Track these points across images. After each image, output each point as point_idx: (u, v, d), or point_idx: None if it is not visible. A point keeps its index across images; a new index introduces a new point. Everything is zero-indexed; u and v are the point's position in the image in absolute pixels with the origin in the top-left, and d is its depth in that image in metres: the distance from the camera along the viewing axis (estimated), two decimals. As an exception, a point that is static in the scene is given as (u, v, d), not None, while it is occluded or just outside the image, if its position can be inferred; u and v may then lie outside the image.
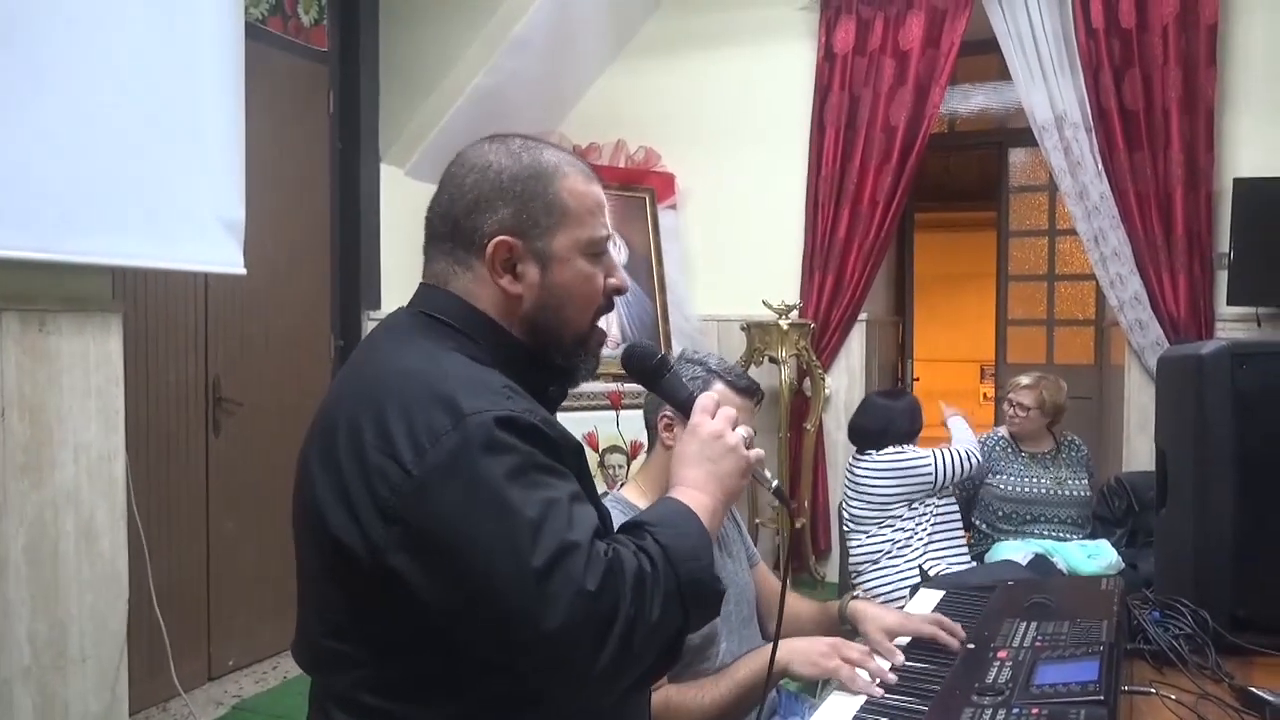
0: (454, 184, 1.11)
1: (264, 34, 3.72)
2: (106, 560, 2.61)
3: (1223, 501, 1.67)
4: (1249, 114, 3.88)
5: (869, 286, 4.48)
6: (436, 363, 1.02)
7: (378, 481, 0.94)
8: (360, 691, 1.00)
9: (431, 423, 0.94)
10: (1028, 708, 1.17)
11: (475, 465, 0.92)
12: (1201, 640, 1.54)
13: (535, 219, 1.09)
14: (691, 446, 1.12)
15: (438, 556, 0.92)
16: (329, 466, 0.99)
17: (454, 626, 0.95)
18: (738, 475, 1.12)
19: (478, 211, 1.08)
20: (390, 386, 1.00)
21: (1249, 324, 3.86)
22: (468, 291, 1.09)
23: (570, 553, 0.90)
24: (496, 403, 0.96)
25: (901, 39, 4.29)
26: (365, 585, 0.96)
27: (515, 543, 0.90)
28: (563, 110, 4.90)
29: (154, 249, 2.57)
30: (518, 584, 0.89)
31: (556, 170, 1.11)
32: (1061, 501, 3.36)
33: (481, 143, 1.13)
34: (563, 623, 0.88)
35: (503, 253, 1.08)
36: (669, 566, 0.96)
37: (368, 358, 1.10)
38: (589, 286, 1.12)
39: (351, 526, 0.95)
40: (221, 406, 3.55)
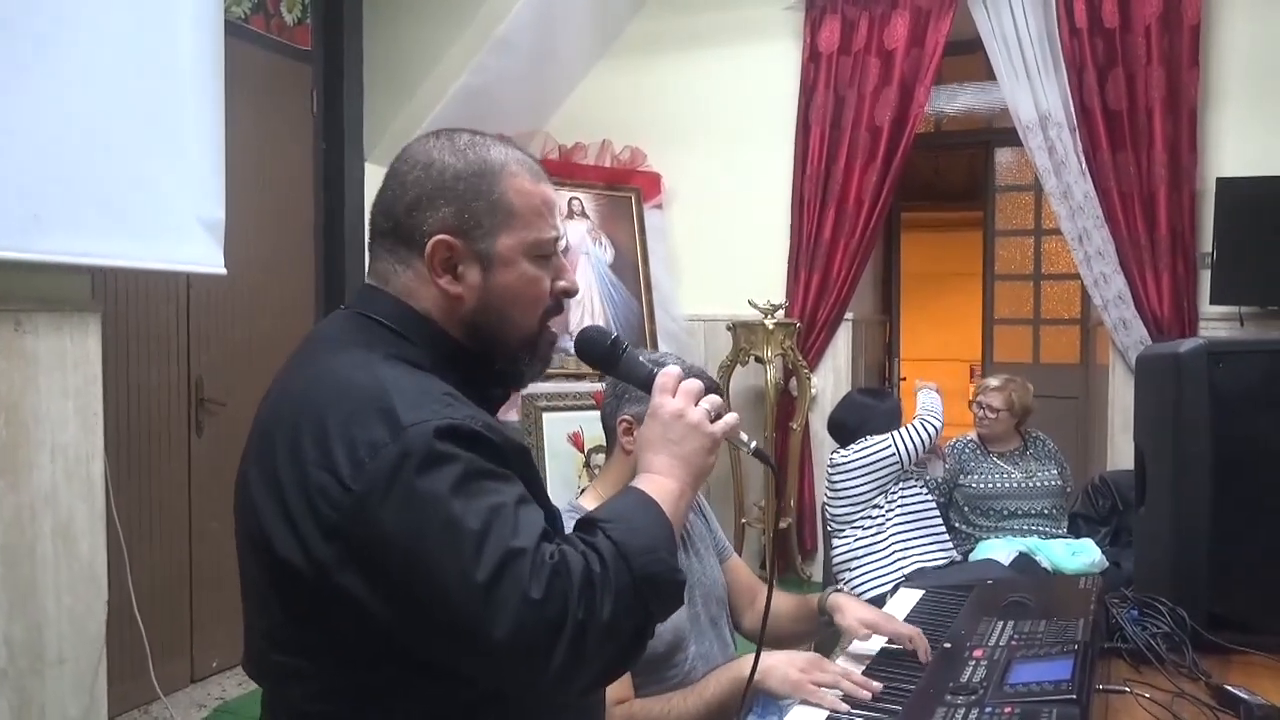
0: (397, 180, 1.07)
1: (246, 32, 3.70)
2: (85, 562, 2.59)
3: (1200, 500, 1.67)
4: (1232, 114, 3.90)
5: (855, 286, 4.48)
6: (374, 372, 0.99)
7: (319, 499, 0.92)
8: (313, 702, 0.99)
9: (370, 436, 0.92)
10: (1000, 707, 1.16)
11: (415, 479, 0.90)
12: (1179, 638, 1.55)
13: (478, 219, 1.05)
14: (654, 430, 1.08)
15: (383, 572, 0.91)
16: (271, 485, 0.97)
17: (405, 638, 0.94)
18: (704, 453, 1.08)
19: (419, 209, 1.05)
20: (328, 400, 0.97)
21: (1232, 323, 3.87)
22: (408, 291, 1.07)
23: (515, 560, 0.89)
24: (436, 412, 0.94)
25: (886, 38, 4.30)
26: (314, 602, 0.94)
27: (459, 556, 0.88)
28: (548, 110, 4.90)
29: (132, 249, 2.54)
30: (463, 597, 0.88)
31: (503, 168, 1.07)
32: (1032, 494, 3.39)
33: (427, 138, 1.10)
34: (511, 631, 0.87)
35: (442, 252, 1.05)
36: (621, 563, 0.93)
37: (303, 368, 1.06)
38: (534, 289, 1.09)
39: (296, 546, 0.93)
40: (204, 407, 3.52)
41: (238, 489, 1.05)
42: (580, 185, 4.52)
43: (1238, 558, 1.65)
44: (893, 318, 5.76)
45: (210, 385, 3.53)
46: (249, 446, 1.05)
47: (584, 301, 4.38)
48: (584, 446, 4.12)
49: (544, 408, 4.09)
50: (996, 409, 3.44)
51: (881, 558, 3.09)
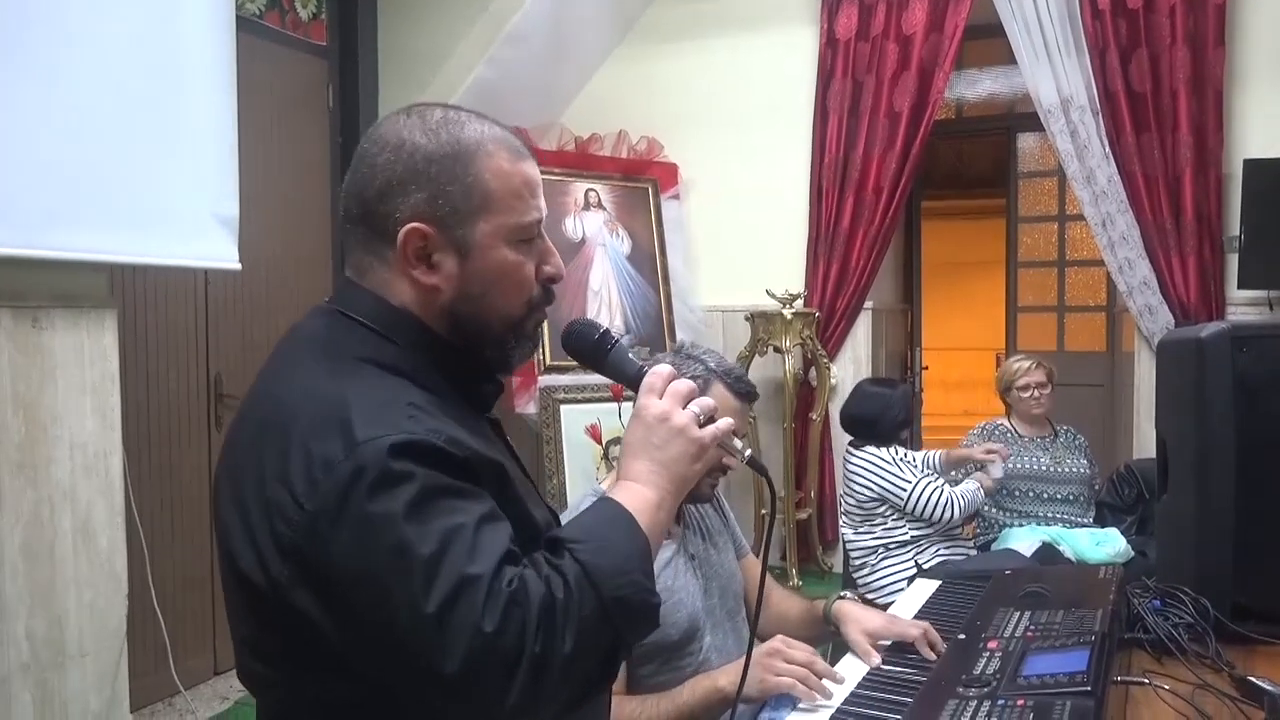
0: (365, 163, 0.99)
1: (262, 29, 3.71)
2: (104, 557, 2.61)
3: (1223, 488, 1.63)
4: (1259, 94, 3.82)
5: (874, 275, 4.44)
6: (340, 381, 0.93)
7: (276, 516, 0.88)
8: (280, 712, 0.97)
9: (325, 451, 0.87)
10: (1013, 699, 1.14)
11: (366, 500, 0.85)
12: (1202, 629, 1.52)
13: (453, 205, 0.98)
14: (636, 432, 1.01)
15: (334, 595, 0.87)
16: (235, 499, 0.94)
17: (359, 664, 0.90)
18: (689, 460, 1.01)
19: (390, 196, 0.97)
20: (291, 410, 0.92)
21: (1260, 308, 3.80)
22: (385, 284, 1.00)
23: (468, 589, 0.83)
24: (395, 425, 0.88)
25: (905, 23, 4.24)
26: (272, 615, 0.91)
27: (408, 584, 0.83)
28: (564, 101, 4.88)
29: (146, 245, 2.56)
30: (412, 627, 0.83)
31: (478, 148, 0.99)
32: (1061, 479, 3.39)
33: (397, 116, 1.01)
34: (461, 666, 0.82)
35: (415, 242, 0.97)
36: (587, 588, 0.88)
37: (274, 373, 1.01)
38: (517, 275, 1.02)
39: (255, 562, 0.90)
40: (224, 403, 3.54)
41: (213, 493, 1.01)
42: (597, 177, 4.50)
43: (1262, 546, 1.61)
44: (914, 306, 5.70)
45: (229, 381, 3.55)
46: (222, 455, 1.01)
47: (602, 293, 4.36)
48: (602, 439, 4.11)
49: (562, 400, 4.08)
50: (1045, 384, 3.46)
51: (898, 557, 3.06)
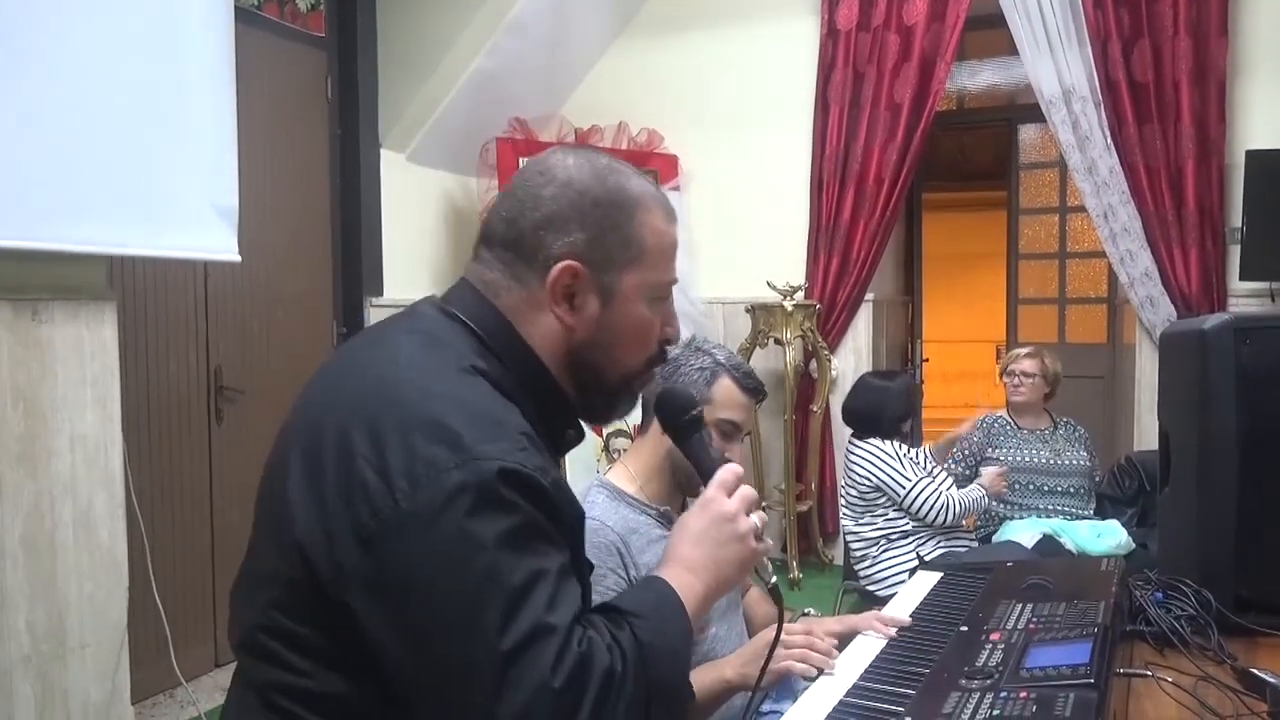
0: (528, 191, 1.00)
1: (261, 20, 3.70)
2: (105, 549, 2.61)
3: (1226, 480, 1.63)
4: (1261, 85, 3.81)
5: (875, 266, 4.43)
6: (452, 384, 0.92)
7: (360, 502, 0.85)
8: (280, 695, 0.92)
9: (431, 453, 0.85)
10: (1016, 691, 1.13)
11: (467, 517, 0.83)
12: (1204, 621, 1.51)
13: (610, 251, 0.99)
14: (699, 522, 1.02)
15: (401, 600, 0.84)
16: (311, 467, 0.90)
17: (398, 672, 0.87)
18: (737, 566, 1.02)
19: (550, 229, 0.98)
20: (396, 396, 0.90)
21: (1262, 299, 3.79)
22: (516, 310, 1.00)
23: (543, 638, 0.82)
24: (508, 451, 0.87)
25: (905, 14, 4.23)
26: (316, 600, 0.88)
27: (488, 614, 0.82)
28: (564, 92, 4.86)
29: (146, 237, 2.55)
30: (481, 661, 0.81)
31: (640, 202, 1.01)
32: (1061, 471, 3.40)
33: (565, 153, 1.03)
34: (516, 713, 0.80)
35: (566, 279, 0.98)
36: (641, 667, 0.88)
37: (378, 349, 1.00)
38: (646, 332, 1.04)
39: (320, 538, 0.87)
40: (224, 395, 3.54)
41: (272, 461, 0.99)
42: (597, 168, 4.49)
43: (1265, 538, 1.61)
44: (915, 298, 5.69)
45: (229, 373, 3.55)
46: (293, 423, 0.98)
47: (602, 285, 4.35)
48: (602, 431, 4.11)
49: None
50: (1031, 374, 3.47)
51: (900, 548, 3.06)
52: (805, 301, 4.31)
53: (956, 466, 3.52)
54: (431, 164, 4.47)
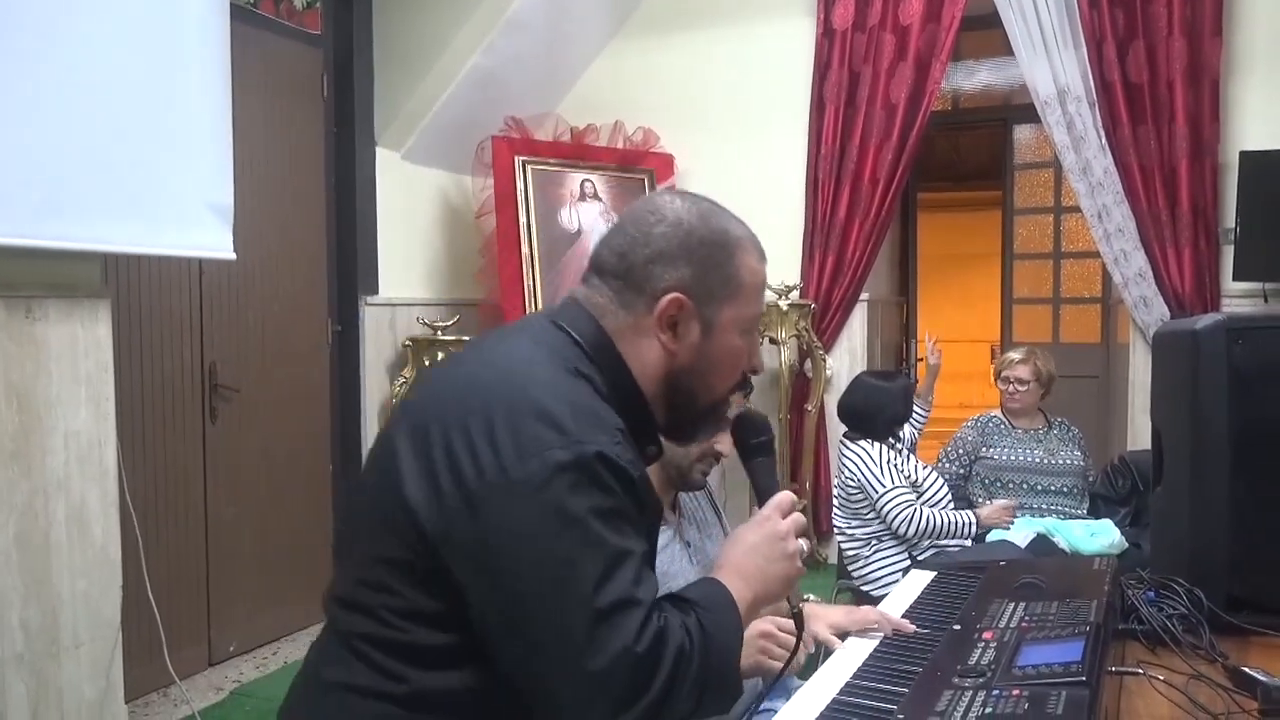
0: (640, 228, 1.11)
1: (256, 17, 3.69)
2: (99, 547, 2.61)
3: (1218, 479, 1.63)
4: (1255, 85, 3.82)
5: (870, 266, 4.43)
6: (561, 382, 1.02)
7: (467, 464, 0.95)
8: (366, 642, 1.01)
9: (539, 434, 0.95)
10: (1008, 689, 1.14)
11: (568, 492, 0.93)
12: (1196, 620, 1.52)
13: (711, 286, 1.10)
14: (754, 536, 1.12)
15: (503, 562, 0.94)
16: (418, 442, 1.00)
17: (488, 632, 0.97)
18: (782, 582, 1.12)
19: (659, 263, 1.09)
20: (511, 383, 1.01)
21: (1255, 299, 3.80)
22: (618, 333, 1.10)
23: (630, 608, 0.93)
24: (606, 442, 0.97)
25: (901, 14, 4.23)
26: (415, 557, 0.98)
27: (584, 577, 0.92)
28: (560, 91, 4.86)
29: (140, 234, 2.55)
30: (574, 618, 0.91)
31: (739, 244, 1.13)
32: (1054, 470, 3.40)
33: (673, 195, 1.15)
34: (606, 666, 0.90)
35: (673, 309, 1.08)
36: (705, 653, 0.97)
37: (499, 345, 1.11)
38: (736, 361, 1.15)
39: (429, 498, 0.97)
40: (218, 393, 3.54)
41: (373, 451, 1.09)
42: (593, 167, 4.49)
43: (1256, 538, 1.61)
44: (910, 298, 5.70)
45: (224, 370, 3.54)
46: (415, 392, 1.11)
47: (597, 284, 4.36)
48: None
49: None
50: (1026, 380, 3.47)
51: (892, 548, 3.07)
52: (800, 301, 4.32)
53: (950, 466, 3.53)
54: (427, 162, 4.46)
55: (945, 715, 1.11)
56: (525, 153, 4.33)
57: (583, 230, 4.38)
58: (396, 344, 4.28)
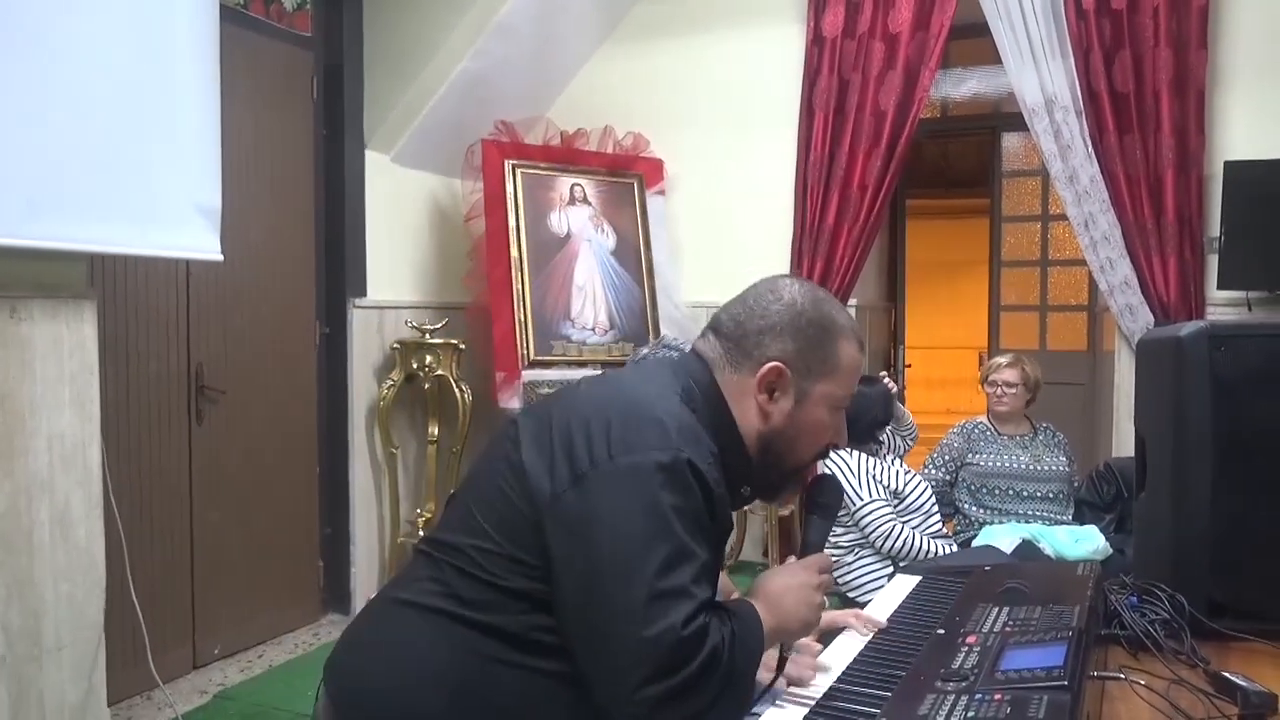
0: (759, 302, 1.28)
1: (246, 18, 3.69)
2: (82, 549, 2.59)
3: (1201, 486, 1.65)
4: (1240, 96, 3.84)
5: (858, 272, 4.44)
6: (671, 403, 1.19)
7: (582, 447, 1.12)
8: (448, 572, 1.19)
9: (647, 435, 1.12)
10: (991, 693, 1.14)
11: (660, 487, 1.08)
12: (1178, 625, 1.53)
13: (810, 362, 1.26)
14: (794, 580, 1.26)
15: (590, 532, 1.08)
16: (538, 432, 1.17)
17: (561, 593, 1.11)
18: (801, 625, 1.25)
19: (769, 334, 1.26)
20: (622, 398, 1.20)
21: (1240, 308, 3.83)
22: (726, 385, 1.27)
23: (684, 598, 1.06)
24: (701, 456, 1.13)
25: (891, 22, 4.25)
26: (513, 513, 1.15)
27: (652, 560, 1.05)
28: (550, 95, 4.86)
29: (127, 235, 2.54)
30: (637, 592, 1.04)
31: (842, 331, 1.28)
32: (1040, 477, 3.42)
33: (793, 280, 1.31)
34: (651, 639, 1.03)
35: (773, 375, 1.25)
36: (733, 658, 1.10)
37: (606, 378, 1.39)
38: (822, 436, 1.29)
39: (543, 468, 1.13)
40: (204, 395, 3.52)
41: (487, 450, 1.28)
42: (582, 171, 4.50)
43: (1238, 544, 1.62)
44: (898, 305, 5.72)
45: (210, 372, 3.53)
46: (538, 404, 1.31)
47: (586, 288, 4.36)
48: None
49: (545, 395, 4.07)
50: (1013, 384, 3.51)
51: (874, 555, 3.08)
52: (789, 306, 4.32)
53: (936, 472, 3.54)
54: (416, 165, 4.45)
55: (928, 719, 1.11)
56: (515, 156, 4.33)
57: (572, 234, 4.38)
58: (385, 347, 4.27)
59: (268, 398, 3.79)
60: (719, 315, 1.31)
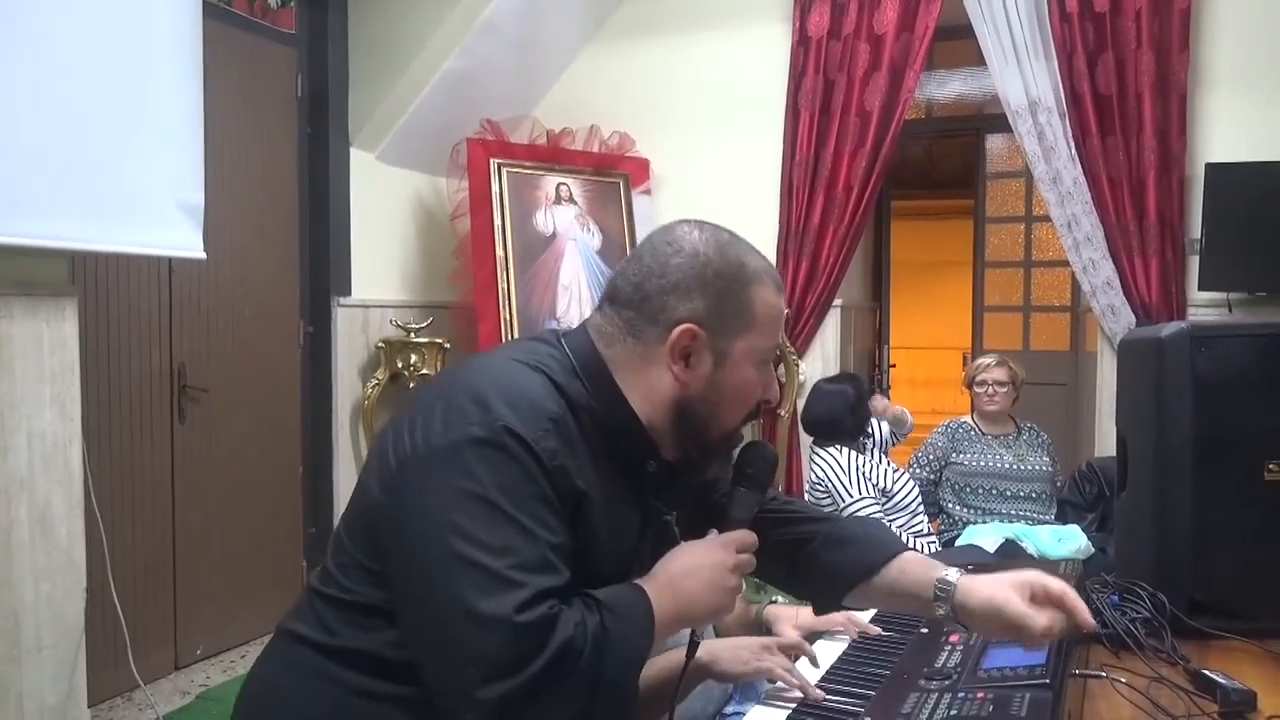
0: (656, 258, 1.12)
1: (229, 15, 3.66)
2: (63, 549, 2.57)
3: (1181, 485, 1.66)
4: (1221, 99, 3.88)
5: (843, 273, 4.46)
6: (513, 374, 1.07)
7: (406, 439, 1.04)
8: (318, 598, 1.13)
9: (466, 411, 1.01)
10: (973, 691, 1.15)
11: (479, 462, 0.98)
12: (1158, 624, 1.54)
13: (725, 318, 1.11)
14: (703, 558, 1.11)
15: (407, 513, 1.01)
16: (390, 424, 1.12)
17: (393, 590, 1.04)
18: (710, 612, 1.11)
19: (674, 294, 1.10)
20: (463, 379, 1.08)
21: (1220, 309, 3.86)
22: (625, 361, 1.12)
23: (514, 584, 0.94)
24: (524, 423, 1.01)
25: (876, 23, 4.26)
26: (361, 522, 1.09)
27: (479, 542, 0.95)
28: (536, 94, 4.86)
29: (109, 232, 2.52)
30: (463, 581, 0.94)
31: (756, 276, 1.13)
32: (1024, 476, 3.45)
33: (690, 226, 1.15)
34: (481, 636, 0.92)
35: (685, 340, 1.10)
36: (597, 655, 0.96)
37: (476, 356, 1.23)
38: (749, 393, 1.15)
39: (381, 472, 1.07)
40: (187, 394, 3.50)
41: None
42: (569, 171, 4.49)
43: (1218, 543, 1.64)
44: (883, 305, 5.74)
45: (193, 371, 3.51)
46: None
47: (572, 288, 4.36)
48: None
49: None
50: (1004, 383, 3.55)
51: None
52: (774, 306, 4.33)
53: (921, 471, 3.56)
54: (401, 164, 4.44)
55: (911, 717, 1.12)
56: (501, 155, 4.32)
57: (558, 234, 4.38)
58: (369, 346, 4.26)
59: (251, 397, 3.77)
60: (614, 281, 1.16)
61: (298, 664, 1.11)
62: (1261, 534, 1.64)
